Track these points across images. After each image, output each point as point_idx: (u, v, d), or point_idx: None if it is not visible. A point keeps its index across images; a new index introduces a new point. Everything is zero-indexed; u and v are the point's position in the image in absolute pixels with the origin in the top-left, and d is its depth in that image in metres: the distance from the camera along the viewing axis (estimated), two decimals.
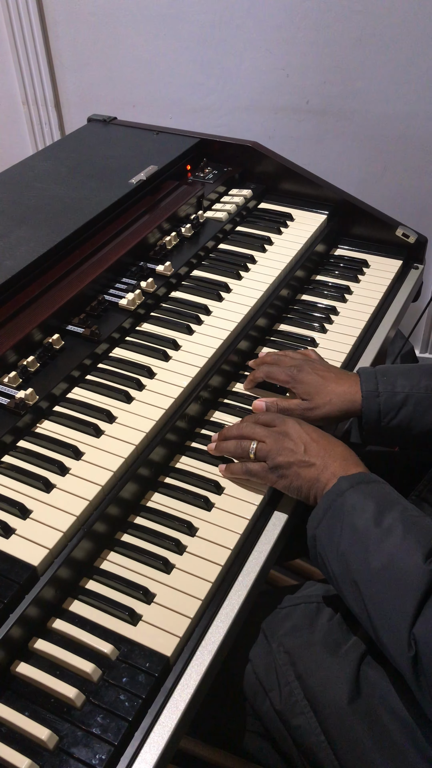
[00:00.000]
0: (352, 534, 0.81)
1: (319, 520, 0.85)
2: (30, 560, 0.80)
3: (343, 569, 0.81)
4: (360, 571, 0.79)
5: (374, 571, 0.77)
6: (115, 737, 0.71)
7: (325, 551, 0.84)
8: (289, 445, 0.92)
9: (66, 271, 1.15)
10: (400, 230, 1.47)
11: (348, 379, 1.05)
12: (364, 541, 0.79)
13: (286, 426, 0.95)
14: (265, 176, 1.55)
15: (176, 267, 1.25)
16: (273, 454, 0.93)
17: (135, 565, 0.87)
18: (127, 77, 2.22)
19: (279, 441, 0.93)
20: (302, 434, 0.93)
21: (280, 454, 0.92)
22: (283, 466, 0.92)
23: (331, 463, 0.89)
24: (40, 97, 2.35)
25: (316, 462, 0.90)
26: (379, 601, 0.77)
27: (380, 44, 1.87)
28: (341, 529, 0.82)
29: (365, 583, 0.78)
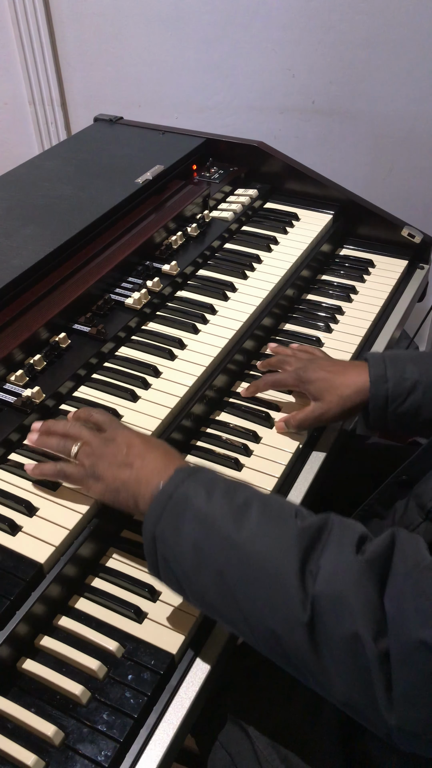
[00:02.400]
0: (203, 520, 0.71)
1: (158, 517, 0.74)
2: (36, 558, 0.80)
3: (197, 562, 0.71)
4: (223, 555, 0.69)
5: (239, 545, 0.68)
6: (121, 734, 0.72)
7: (171, 548, 0.73)
8: (112, 450, 0.84)
9: (72, 270, 1.16)
10: (406, 230, 1.47)
11: (355, 369, 1.03)
12: (219, 522, 0.71)
13: (116, 432, 0.86)
14: (270, 176, 1.55)
15: (182, 266, 1.25)
16: (94, 457, 0.84)
17: (141, 563, 0.87)
18: (132, 77, 2.23)
19: (103, 445, 0.85)
20: (126, 436, 0.85)
21: (101, 457, 0.84)
22: (100, 467, 0.83)
23: (151, 461, 0.81)
24: (46, 97, 2.36)
25: (135, 462, 0.82)
26: (253, 576, 0.67)
27: (386, 44, 1.87)
28: (189, 519, 0.72)
29: (230, 564, 0.69)
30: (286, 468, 1.00)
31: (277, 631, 0.65)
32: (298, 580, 0.64)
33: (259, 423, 1.07)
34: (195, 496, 0.73)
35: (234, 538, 0.69)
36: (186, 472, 0.77)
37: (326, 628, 0.62)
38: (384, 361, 1.01)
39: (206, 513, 0.72)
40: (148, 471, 0.80)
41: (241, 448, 1.02)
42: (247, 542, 0.68)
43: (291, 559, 0.65)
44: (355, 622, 0.60)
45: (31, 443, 0.91)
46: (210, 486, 0.75)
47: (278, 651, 0.67)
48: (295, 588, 0.64)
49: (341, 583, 0.62)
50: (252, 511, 0.71)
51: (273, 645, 0.67)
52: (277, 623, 0.65)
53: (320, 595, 0.62)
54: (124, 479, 0.81)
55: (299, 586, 0.64)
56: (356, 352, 1.23)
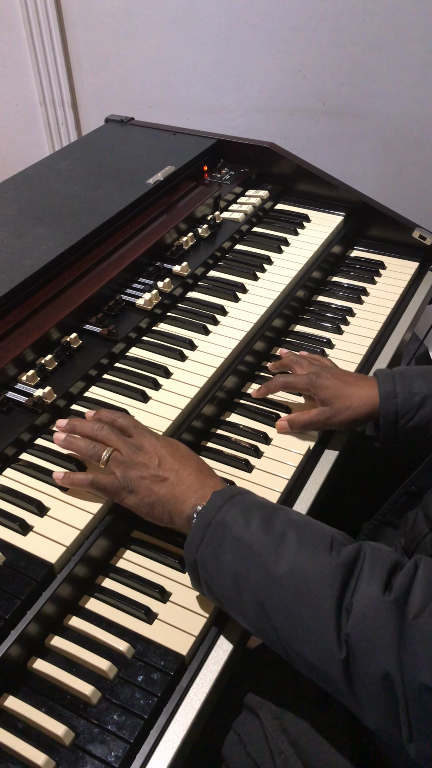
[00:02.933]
0: (242, 549, 0.73)
1: (198, 543, 0.77)
2: (47, 557, 0.80)
3: (237, 590, 0.74)
4: (261, 586, 0.72)
5: (278, 579, 0.71)
6: (131, 735, 0.72)
7: (212, 575, 0.76)
8: (143, 459, 0.84)
9: (83, 271, 1.16)
10: (417, 232, 1.47)
11: (367, 382, 1.04)
12: (258, 553, 0.73)
13: (143, 438, 0.87)
14: (281, 177, 1.55)
15: (193, 267, 1.26)
16: (125, 467, 0.84)
17: (151, 564, 0.87)
18: (143, 78, 2.23)
19: (134, 454, 0.85)
20: (157, 447, 0.86)
21: (133, 468, 0.84)
22: (134, 480, 0.83)
23: (186, 477, 0.83)
24: (57, 98, 2.37)
25: (169, 477, 0.83)
26: (292, 610, 0.69)
27: (397, 46, 1.87)
28: (228, 546, 0.74)
29: (271, 596, 0.71)
30: (297, 470, 1.00)
31: (315, 663, 0.69)
32: (334, 618, 0.66)
33: (269, 424, 1.07)
34: (233, 523, 0.75)
35: (273, 571, 0.71)
36: (224, 497, 0.79)
37: (360, 666, 0.64)
38: (393, 377, 1.02)
39: (245, 542, 0.74)
40: (183, 488, 0.82)
41: (252, 450, 1.02)
42: (286, 576, 0.70)
43: (328, 597, 0.67)
44: (386, 662, 0.62)
45: (58, 443, 0.91)
46: (248, 513, 0.76)
47: (314, 676, 0.71)
48: (332, 626, 0.66)
49: (371, 624, 0.64)
50: (289, 542, 0.72)
51: (309, 672, 0.71)
52: (315, 656, 0.68)
53: (354, 635, 0.65)
54: (160, 495, 0.83)
55: (335, 624, 0.66)
56: (366, 354, 1.23)
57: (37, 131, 2.51)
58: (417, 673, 0.60)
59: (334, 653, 0.66)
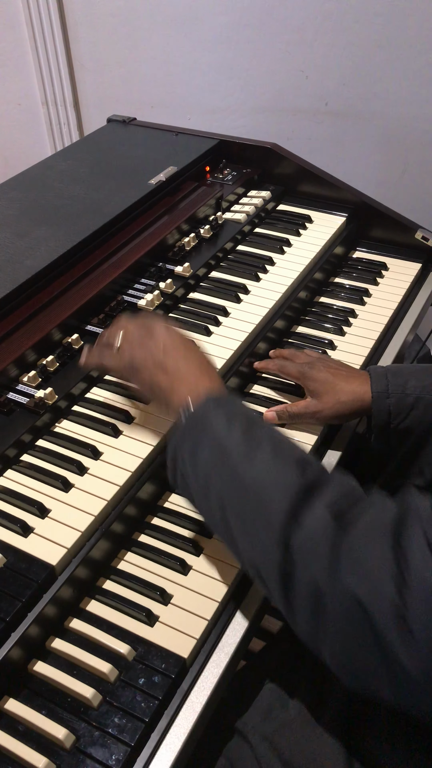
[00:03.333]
0: (218, 450, 0.76)
1: (181, 437, 0.80)
2: (48, 559, 0.80)
3: (206, 487, 0.76)
4: (227, 486, 0.74)
5: (244, 484, 0.73)
6: (132, 738, 0.71)
7: (187, 469, 0.79)
8: (151, 343, 0.90)
9: (85, 272, 1.16)
10: (420, 233, 1.46)
11: (359, 377, 1.03)
12: (231, 455, 0.74)
13: (156, 324, 0.92)
14: (284, 178, 1.55)
15: (195, 268, 1.25)
16: (133, 348, 0.91)
17: (152, 566, 0.87)
18: (145, 78, 2.23)
19: (142, 335, 0.91)
20: (166, 336, 0.90)
21: (140, 349, 0.90)
22: (138, 362, 0.89)
23: (185, 372, 0.87)
24: (59, 98, 2.37)
25: (170, 367, 0.87)
26: (248, 515, 0.72)
27: (400, 46, 1.86)
28: (206, 444, 0.77)
29: (232, 497, 0.73)
30: None
31: (259, 568, 0.71)
32: (282, 525, 0.67)
33: None
34: (216, 425, 0.77)
35: (240, 476, 0.73)
36: (214, 399, 0.81)
37: (295, 572, 0.66)
38: (386, 377, 1.01)
39: (222, 444, 0.76)
40: (181, 382, 0.85)
41: None
42: (250, 483, 0.72)
43: (282, 509, 0.68)
44: (317, 572, 0.64)
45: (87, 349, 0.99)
46: (232, 418, 0.78)
47: (258, 582, 0.73)
48: (278, 532, 0.67)
49: (313, 540, 0.65)
50: (262, 452, 0.74)
51: (255, 576, 0.73)
52: (260, 562, 0.70)
53: (296, 545, 0.66)
54: (159, 383, 0.87)
55: (281, 530, 0.67)
56: (369, 356, 1.23)
57: (39, 131, 2.50)
58: (347, 584, 0.62)
59: (275, 558, 0.68)
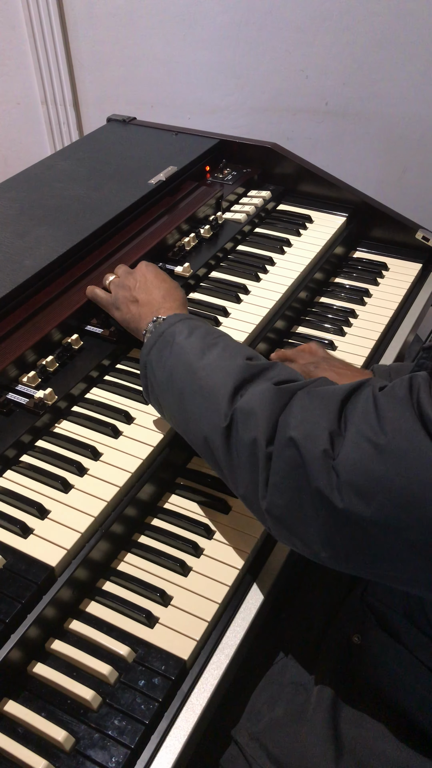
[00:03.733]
0: (179, 352, 0.86)
1: (150, 347, 0.90)
2: (48, 561, 0.80)
3: (169, 383, 0.86)
4: (185, 379, 0.83)
5: (198, 372, 0.82)
6: (132, 740, 0.71)
7: (155, 374, 0.89)
8: (129, 282, 1.04)
9: (85, 272, 1.15)
10: (420, 233, 1.46)
11: (362, 377, 1.04)
12: (188, 353, 0.85)
13: (139, 266, 1.07)
14: (284, 178, 1.54)
15: (195, 268, 1.25)
16: (115, 287, 1.06)
17: (152, 567, 0.87)
18: (145, 77, 2.22)
19: (125, 277, 1.06)
20: (141, 274, 1.04)
21: (121, 288, 1.04)
22: (119, 300, 1.03)
23: (152, 300, 0.99)
24: (59, 97, 2.36)
25: (140, 298, 1.00)
26: (200, 392, 0.80)
27: (400, 46, 1.86)
28: (170, 350, 0.87)
29: (188, 385, 0.82)
30: None
31: (207, 435, 0.79)
32: (229, 398, 0.77)
33: None
34: (179, 334, 0.88)
35: (194, 366, 0.83)
36: (179, 317, 0.92)
37: (237, 433, 0.74)
38: (389, 374, 1.03)
39: (182, 347, 0.86)
40: (146, 309, 0.99)
41: None
42: (202, 369, 0.82)
43: (228, 383, 0.78)
44: (256, 430, 0.72)
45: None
46: (194, 329, 0.89)
47: (207, 453, 0.81)
48: (224, 403, 0.76)
49: (256, 402, 0.74)
50: (216, 349, 0.84)
51: (204, 448, 0.81)
52: (206, 429, 0.79)
53: (238, 409, 0.75)
54: (132, 312, 1.01)
55: (228, 403, 0.76)
56: (369, 356, 1.23)
57: (39, 131, 2.50)
58: (285, 432, 0.69)
59: (220, 424, 0.76)
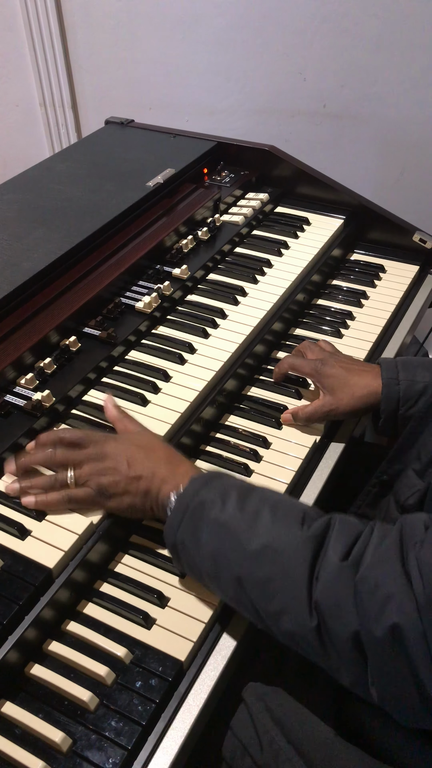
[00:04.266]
0: (219, 529, 0.76)
1: (177, 525, 0.79)
2: (45, 562, 0.80)
3: (216, 567, 0.77)
4: (238, 563, 0.74)
5: (254, 556, 0.73)
6: (129, 741, 0.71)
7: (192, 556, 0.79)
8: (110, 464, 0.85)
9: (83, 274, 1.16)
10: (417, 235, 1.46)
11: (371, 371, 1.05)
12: (234, 532, 0.75)
13: (102, 445, 0.87)
14: (281, 180, 1.55)
15: (192, 270, 1.25)
16: (95, 477, 0.85)
17: (149, 569, 0.87)
18: (143, 80, 2.23)
19: (98, 462, 0.86)
20: (121, 448, 0.86)
21: (103, 475, 0.85)
22: (109, 487, 0.84)
23: (158, 470, 0.84)
24: (57, 99, 2.36)
25: (143, 473, 0.84)
26: (266, 583, 0.72)
27: (398, 49, 1.87)
28: (205, 527, 0.77)
29: (246, 572, 0.74)
30: (295, 475, 1.00)
31: (292, 632, 0.72)
32: (306, 588, 0.70)
33: (269, 426, 1.07)
34: (211, 505, 0.78)
35: (248, 548, 0.74)
36: (201, 482, 0.81)
37: (330, 630, 0.68)
38: (396, 366, 1.04)
39: (221, 523, 0.76)
40: (158, 481, 0.84)
41: (251, 454, 1.01)
42: (260, 552, 0.73)
43: (300, 569, 0.70)
44: (350, 621, 0.66)
45: (13, 494, 0.87)
46: (224, 494, 0.79)
47: (292, 644, 0.74)
48: (304, 596, 0.69)
49: (333, 589, 0.68)
50: (263, 520, 0.75)
51: (288, 640, 0.74)
52: (291, 625, 0.71)
53: (322, 601, 0.68)
54: (137, 493, 0.84)
55: (307, 594, 0.69)
56: (367, 358, 1.23)
57: (37, 133, 2.50)
58: (371, 626, 0.64)
59: (307, 622, 0.69)
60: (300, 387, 1.13)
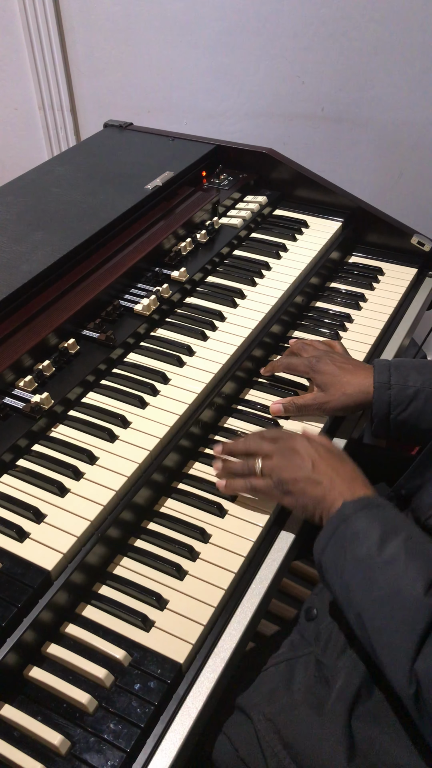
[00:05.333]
0: (355, 563, 0.77)
1: (323, 547, 0.82)
2: (44, 564, 0.80)
3: (347, 598, 0.78)
4: (362, 602, 0.76)
5: (376, 602, 0.74)
6: (128, 744, 0.71)
7: (331, 579, 0.81)
8: (297, 461, 0.89)
9: (82, 276, 1.16)
10: (415, 238, 1.47)
11: (364, 371, 1.06)
12: (366, 571, 0.76)
13: (294, 441, 0.92)
14: (280, 183, 1.55)
15: (191, 273, 1.25)
16: (279, 470, 0.90)
17: (148, 571, 0.87)
18: (142, 83, 2.23)
19: (286, 457, 0.90)
20: (310, 450, 0.90)
21: (286, 470, 0.89)
22: (288, 483, 0.89)
23: (339, 483, 0.86)
24: (56, 103, 2.37)
25: (323, 480, 0.86)
26: (381, 633, 0.73)
27: (396, 52, 1.87)
28: (344, 557, 0.79)
29: (367, 614, 0.75)
30: None
31: (393, 685, 0.72)
32: (412, 653, 0.69)
33: (268, 427, 1.07)
34: (352, 536, 0.79)
35: (373, 594, 0.74)
36: (353, 508, 0.81)
37: (427, 703, 0.68)
38: (389, 369, 1.04)
39: (357, 559, 0.77)
40: (336, 494, 0.85)
41: None
42: (383, 601, 0.74)
43: (411, 632, 0.70)
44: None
45: (217, 471, 0.97)
46: (368, 528, 0.78)
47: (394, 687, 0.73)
48: (407, 660, 0.70)
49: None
50: (394, 569, 0.74)
51: (392, 684, 0.73)
52: (393, 679, 0.72)
53: (422, 675, 0.68)
54: (313, 497, 0.87)
55: (410, 659, 0.69)
56: (365, 360, 1.23)
57: (36, 136, 2.51)
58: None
59: (405, 687, 0.70)
60: (298, 389, 1.13)
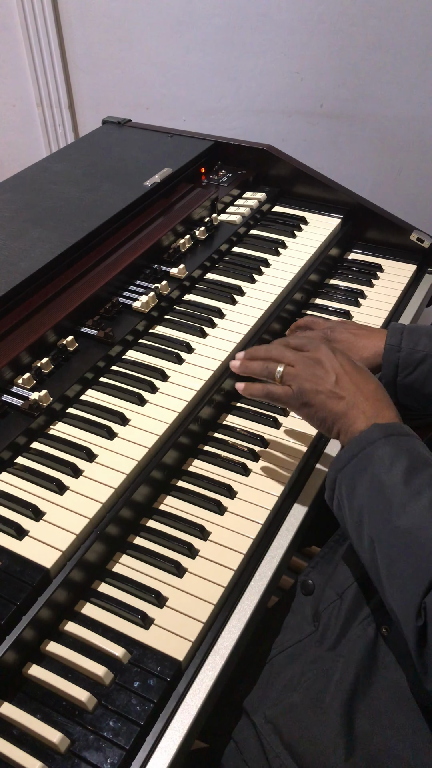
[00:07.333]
0: (377, 489, 0.75)
1: (343, 465, 0.80)
2: (43, 562, 0.80)
3: (359, 521, 0.76)
4: (380, 529, 0.73)
5: (395, 532, 0.72)
6: (127, 741, 0.71)
7: (343, 499, 0.79)
8: (320, 372, 0.87)
9: (80, 273, 1.16)
10: (415, 235, 1.46)
11: (379, 334, 1.07)
12: (388, 498, 0.73)
13: (319, 352, 0.89)
14: (279, 179, 1.55)
15: (190, 270, 1.25)
16: (300, 380, 0.87)
17: (147, 569, 0.87)
18: (140, 79, 2.23)
19: (309, 366, 0.88)
20: (335, 363, 0.88)
21: (307, 380, 0.87)
22: (309, 394, 0.86)
23: (362, 401, 0.84)
24: (54, 99, 2.36)
25: (346, 396, 0.84)
26: (395, 563, 0.71)
27: (395, 48, 1.87)
28: (366, 480, 0.76)
29: (383, 542, 0.73)
30: (294, 473, 1.00)
31: (397, 616, 0.71)
32: (422, 590, 0.67)
33: (268, 425, 1.07)
34: (378, 462, 0.76)
35: (394, 522, 0.72)
36: (382, 433, 0.79)
37: (430, 633, 0.66)
38: (402, 333, 1.05)
39: (381, 484, 0.75)
40: (358, 411, 0.83)
41: (249, 454, 1.01)
42: (403, 532, 0.71)
43: (425, 572, 0.68)
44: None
45: (234, 370, 0.95)
46: (396, 456, 0.76)
47: (393, 618, 0.73)
48: (419, 593, 0.67)
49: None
50: (420, 502, 0.72)
51: (391, 615, 0.73)
52: (398, 611, 0.70)
53: (430, 610, 0.66)
54: (333, 411, 0.85)
55: (421, 594, 0.67)
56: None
57: (34, 132, 2.50)
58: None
59: (412, 618, 0.68)
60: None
